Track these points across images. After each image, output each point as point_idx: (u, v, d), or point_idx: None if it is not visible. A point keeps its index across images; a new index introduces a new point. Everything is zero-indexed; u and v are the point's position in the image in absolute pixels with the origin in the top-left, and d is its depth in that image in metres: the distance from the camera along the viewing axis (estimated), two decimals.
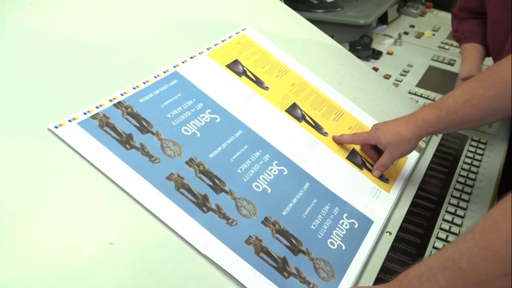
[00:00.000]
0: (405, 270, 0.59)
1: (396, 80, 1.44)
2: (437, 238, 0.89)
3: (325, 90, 1.08)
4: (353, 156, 0.98)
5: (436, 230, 0.90)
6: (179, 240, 0.67)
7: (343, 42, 1.44)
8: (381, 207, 0.90)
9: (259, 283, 0.68)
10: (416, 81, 1.46)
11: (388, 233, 0.87)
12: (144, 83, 0.83)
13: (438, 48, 1.68)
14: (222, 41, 1.02)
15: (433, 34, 1.77)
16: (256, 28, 1.10)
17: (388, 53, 1.60)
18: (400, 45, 1.67)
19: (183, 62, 0.91)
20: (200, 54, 0.95)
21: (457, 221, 0.93)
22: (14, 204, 0.60)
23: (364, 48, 1.54)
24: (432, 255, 0.58)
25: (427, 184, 1.01)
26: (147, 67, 0.86)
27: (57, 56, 0.79)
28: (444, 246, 0.66)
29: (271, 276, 0.69)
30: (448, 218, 0.93)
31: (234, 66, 0.98)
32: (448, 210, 0.95)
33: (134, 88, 0.81)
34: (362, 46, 1.54)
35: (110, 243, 0.62)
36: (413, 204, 0.95)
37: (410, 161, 1.04)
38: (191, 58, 0.93)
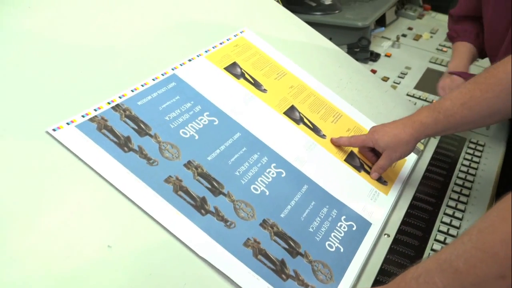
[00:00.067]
0: (403, 272, 0.59)
1: (394, 82, 1.44)
2: (435, 240, 0.89)
3: (323, 93, 1.08)
4: (351, 159, 0.98)
5: (434, 232, 0.90)
6: (177, 243, 0.67)
7: (341, 45, 1.45)
8: (379, 209, 0.90)
9: (257, 286, 0.68)
10: (414, 83, 1.46)
11: (386, 235, 0.87)
12: (142, 86, 0.83)
13: (436, 50, 1.68)
14: (221, 44, 1.02)
15: (431, 37, 1.78)
16: (254, 31, 1.11)
17: (386, 56, 1.61)
18: (398, 47, 1.67)
19: (181, 65, 0.91)
20: (199, 57, 0.95)
21: (455, 223, 0.93)
22: (13, 207, 0.60)
23: (362, 51, 1.54)
24: (430, 257, 0.58)
25: (425, 186, 1.01)
26: (145, 70, 0.86)
27: (55, 59, 0.79)
28: (443, 248, 0.66)
29: (269, 279, 0.69)
30: (446, 220, 0.93)
31: (232, 69, 0.98)
32: (446, 212, 0.95)
33: (132, 91, 0.81)
34: (360, 49, 1.54)
35: (108, 246, 0.62)
36: (411, 206, 0.95)
37: (408, 163, 1.04)
38: (189, 61, 0.93)
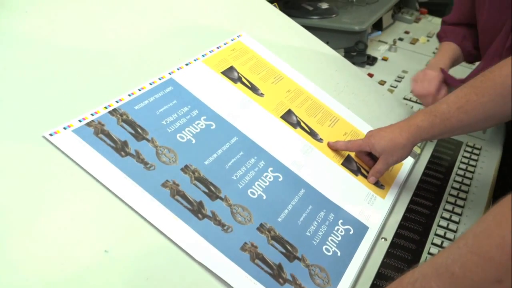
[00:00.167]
0: (399, 277, 0.59)
1: (391, 86, 1.45)
2: (432, 244, 0.89)
3: (320, 97, 1.08)
4: (348, 162, 0.98)
5: (431, 236, 0.90)
6: (174, 247, 0.66)
7: (338, 48, 1.45)
8: (376, 213, 0.90)
9: None
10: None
11: (384, 239, 0.87)
12: (139, 90, 0.83)
13: (433, 54, 1.68)
14: (217, 48, 1.02)
15: (428, 40, 1.78)
16: (251, 35, 1.11)
17: (383, 59, 1.61)
18: (395, 51, 1.68)
19: (178, 69, 0.91)
20: (196, 61, 0.96)
21: (452, 227, 0.93)
22: (9, 211, 0.60)
23: (359, 54, 1.54)
24: (426, 262, 0.58)
25: (422, 190, 1.01)
26: (142, 74, 0.86)
27: (52, 63, 0.79)
28: (439, 252, 0.66)
29: (267, 283, 0.69)
30: (443, 224, 0.93)
31: (229, 73, 0.98)
32: (443, 216, 0.96)
33: (129, 95, 0.81)
34: (357, 52, 1.55)
35: (105, 251, 0.62)
36: (408, 210, 0.95)
37: (405, 167, 1.05)
38: (186, 65, 0.93)
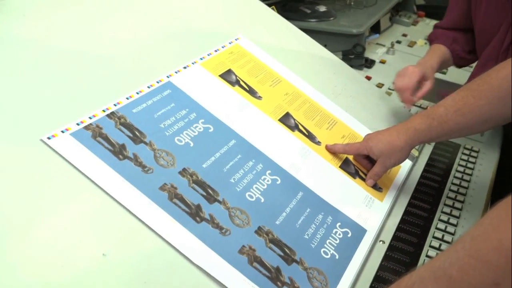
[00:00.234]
0: (397, 281, 0.59)
1: (389, 89, 1.45)
2: (430, 247, 0.89)
3: (318, 99, 1.08)
4: (346, 165, 0.98)
5: (429, 239, 0.91)
6: (172, 251, 0.66)
7: (336, 51, 1.45)
8: (374, 216, 0.91)
9: None
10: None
11: (382, 242, 0.88)
12: (137, 93, 0.83)
13: None
14: (215, 51, 1.02)
15: (426, 43, 1.78)
16: (249, 38, 1.11)
17: (381, 62, 1.61)
18: (393, 54, 1.68)
19: (176, 72, 0.92)
20: (194, 64, 0.96)
21: (450, 230, 0.93)
22: (7, 215, 0.60)
23: (357, 57, 1.55)
24: (423, 265, 0.58)
25: (420, 193, 1.02)
26: (140, 77, 0.87)
27: (50, 67, 0.79)
28: (436, 255, 0.66)
29: (265, 286, 0.69)
30: (441, 227, 0.94)
31: (227, 76, 0.98)
32: (441, 219, 0.96)
33: (127, 98, 0.81)
34: (355, 55, 1.55)
35: (103, 254, 0.62)
36: (406, 213, 0.95)
37: (403, 170, 1.05)
38: (184, 68, 0.93)
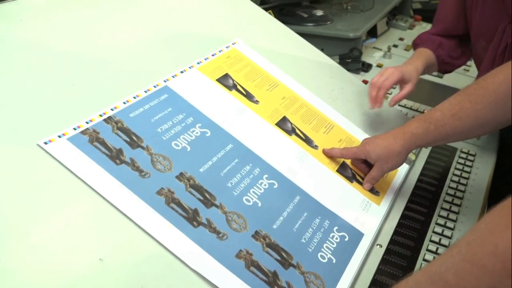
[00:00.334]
0: (393, 286, 0.59)
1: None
2: (427, 250, 0.89)
3: (315, 103, 1.09)
4: (344, 169, 0.98)
5: (426, 242, 0.91)
6: (169, 255, 0.66)
7: (333, 55, 1.46)
8: (372, 220, 0.91)
9: None
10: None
11: (379, 246, 0.88)
12: (134, 98, 0.83)
13: None
14: (213, 55, 1.02)
15: None
16: (246, 42, 1.11)
17: (378, 66, 1.62)
18: (390, 58, 1.69)
19: (174, 77, 0.92)
20: (191, 68, 0.96)
21: (447, 233, 0.93)
22: (3, 220, 0.60)
23: (354, 61, 1.55)
24: (420, 270, 0.58)
25: (417, 196, 1.02)
26: (138, 82, 0.87)
27: (47, 71, 0.79)
28: (433, 260, 0.66)
29: None
30: (438, 230, 0.94)
31: (225, 80, 0.98)
32: (438, 222, 0.96)
33: (124, 103, 0.81)
34: (352, 59, 1.55)
35: (100, 259, 0.62)
36: (403, 217, 0.96)
37: (400, 174, 1.05)
38: (182, 73, 0.94)
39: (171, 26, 1.04)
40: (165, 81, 0.90)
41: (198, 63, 0.98)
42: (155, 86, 0.87)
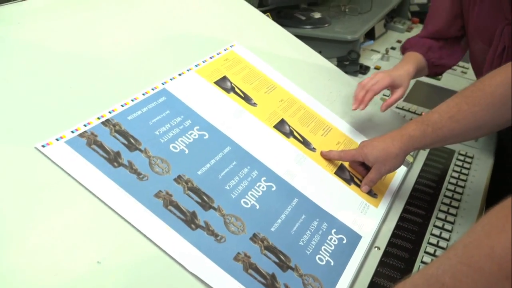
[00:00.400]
0: None
1: (384, 95, 1.45)
2: (425, 253, 0.89)
3: (313, 106, 1.09)
4: (341, 172, 0.98)
5: (424, 245, 0.91)
6: (167, 258, 0.66)
7: (331, 58, 1.46)
8: (370, 222, 0.91)
9: None
10: (403, 96, 1.47)
11: (377, 248, 0.88)
12: (132, 100, 0.83)
13: None
14: (210, 58, 1.03)
15: None
16: (244, 45, 1.11)
17: (376, 68, 1.62)
18: (387, 60, 1.69)
19: (171, 79, 0.92)
20: (189, 71, 0.96)
21: (445, 235, 0.93)
22: (0, 223, 0.60)
23: (352, 64, 1.56)
24: (417, 273, 0.58)
25: (415, 199, 1.02)
26: (135, 84, 0.87)
27: (45, 74, 0.79)
28: (429, 263, 0.66)
29: None
30: (436, 233, 0.94)
31: (223, 83, 0.99)
32: (436, 225, 0.96)
33: (122, 106, 0.81)
34: (350, 62, 1.56)
35: (98, 262, 0.62)
36: (401, 219, 0.96)
37: (398, 176, 1.05)
38: (180, 75, 0.94)
39: (169, 29, 1.04)
40: (163, 84, 0.90)
41: (196, 66, 0.98)
42: (153, 89, 0.88)
